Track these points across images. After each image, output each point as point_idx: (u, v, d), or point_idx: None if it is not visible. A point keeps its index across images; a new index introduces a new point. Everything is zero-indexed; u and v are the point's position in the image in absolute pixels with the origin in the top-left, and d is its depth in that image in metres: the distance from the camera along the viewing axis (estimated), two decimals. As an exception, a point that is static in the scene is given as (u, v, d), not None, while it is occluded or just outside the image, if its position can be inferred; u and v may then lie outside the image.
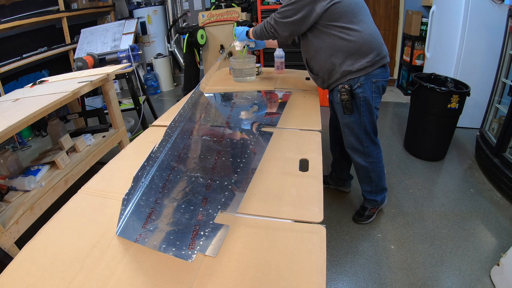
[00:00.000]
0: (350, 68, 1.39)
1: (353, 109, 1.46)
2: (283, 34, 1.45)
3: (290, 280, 0.63)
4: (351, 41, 1.36)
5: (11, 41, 3.16)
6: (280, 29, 1.43)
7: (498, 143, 1.95)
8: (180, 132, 1.17)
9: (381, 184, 1.68)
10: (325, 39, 1.39)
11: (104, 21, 4.26)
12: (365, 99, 1.43)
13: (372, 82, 1.41)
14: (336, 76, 1.45)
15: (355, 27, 1.35)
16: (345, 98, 1.43)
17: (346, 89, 1.41)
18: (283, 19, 1.38)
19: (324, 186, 2.02)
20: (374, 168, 1.61)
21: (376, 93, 1.45)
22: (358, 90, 1.42)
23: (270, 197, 0.88)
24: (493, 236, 1.62)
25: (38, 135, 3.31)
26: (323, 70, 1.48)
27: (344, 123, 1.55)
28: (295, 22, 1.37)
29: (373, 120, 1.50)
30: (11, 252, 1.31)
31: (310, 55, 1.50)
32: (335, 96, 1.52)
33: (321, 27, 1.38)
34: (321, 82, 1.56)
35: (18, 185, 1.51)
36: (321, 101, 1.76)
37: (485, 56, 2.49)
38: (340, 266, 1.50)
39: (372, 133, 1.54)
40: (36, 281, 0.66)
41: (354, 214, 1.79)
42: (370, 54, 1.38)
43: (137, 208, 0.84)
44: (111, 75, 2.02)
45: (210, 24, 3.54)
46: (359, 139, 1.54)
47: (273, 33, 1.47)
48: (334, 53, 1.40)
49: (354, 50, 1.37)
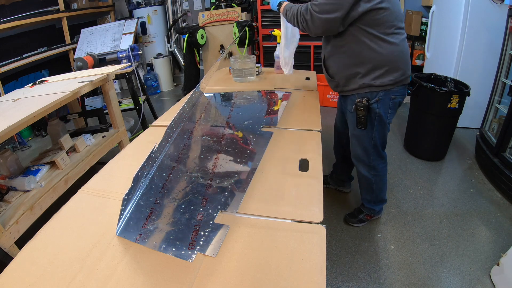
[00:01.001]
0: (371, 82, 1.31)
1: (367, 125, 1.39)
2: (315, 31, 1.28)
3: (290, 280, 0.63)
4: (380, 54, 1.26)
5: (11, 41, 3.15)
6: (314, 24, 1.25)
7: (498, 143, 1.95)
8: (180, 132, 1.17)
9: (381, 196, 1.67)
10: (353, 44, 1.28)
11: (104, 21, 4.26)
12: (380, 115, 1.38)
13: (390, 99, 1.35)
14: (353, 85, 1.37)
15: (389, 39, 1.25)
16: (361, 113, 1.36)
17: (364, 104, 1.33)
18: (321, 14, 1.20)
19: (324, 186, 2.02)
20: (377, 180, 1.59)
21: (392, 110, 1.40)
22: (375, 105, 1.35)
23: (270, 197, 0.88)
24: (493, 236, 1.62)
25: (38, 135, 3.31)
26: (341, 75, 1.39)
27: (354, 134, 1.50)
28: (334, 20, 1.20)
29: (384, 135, 1.46)
30: (11, 252, 1.31)
31: (330, 54, 1.40)
32: (348, 104, 1.45)
33: (353, 30, 1.26)
34: (334, 85, 1.47)
35: (18, 185, 1.51)
36: (321, 101, 1.77)
37: (485, 56, 2.49)
38: (340, 266, 1.50)
39: (381, 147, 1.50)
40: (36, 281, 0.66)
41: (347, 215, 1.77)
42: (395, 72, 1.30)
43: (137, 208, 0.84)
44: (111, 75, 2.02)
45: (210, 24, 3.54)
46: (367, 152, 1.50)
47: (304, 27, 1.30)
48: (358, 62, 1.31)
49: (381, 65, 1.28)
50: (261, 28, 3.64)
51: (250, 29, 3.40)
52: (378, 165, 1.54)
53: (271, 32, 2.03)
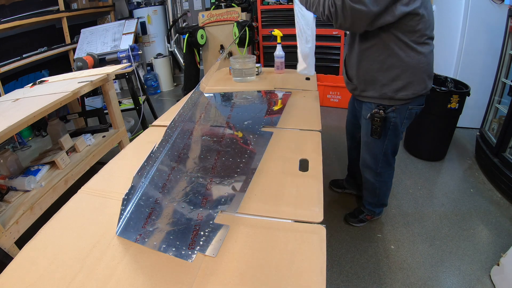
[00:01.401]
0: (392, 94, 1.26)
1: (381, 135, 1.36)
2: (341, 21, 1.11)
3: (290, 280, 0.63)
4: (406, 64, 1.19)
5: (11, 41, 3.15)
6: (343, 13, 1.08)
7: (498, 143, 1.95)
8: (180, 132, 1.17)
9: (383, 200, 1.67)
10: (379, 48, 1.20)
11: (104, 21, 4.26)
12: (395, 124, 1.34)
13: (407, 109, 1.31)
14: (373, 93, 1.30)
15: (419, 48, 1.17)
16: (377, 124, 1.32)
17: (381, 115, 1.29)
18: (356, 4, 1.05)
19: (340, 190, 2.01)
20: (382, 186, 1.58)
21: (408, 119, 1.36)
22: (391, 115, 1.31)
23: (270, 197, 0.88)
24: (493, 236, 1.62)
25: (38, 135, 3.31)
26: (360, 79, 1.32)
27: (366, 141, 1.47)
28: (367, 14, 1.06)
29: (396, 143, 1.43)
30: (11, 252, 1.31)
31: (352, 55, 1.33)
32: (363, 110, 1.40)
33: (382, 34, 1.17)
34: (351, 88, 1.41)
35: (18, 185, 1.51)
36: (321, 101, 1.76)
37: (485, 56, 2.49)
38: (340, 266, 1.50)
39: (391, 155, 1.47)
40: (36, 281, 0.66)
41: (347, 214, 1.77)
42: (418, 86, 1.23)
43: (137, 208, 0.84)
44: (111, 75, 2.02)
45: (210, 24, 3.54)
46: (376, 160, 1.48)
47: (331, 13, 1.11)
48: (382, 69, 1.23)
49: (405, 76, 1.21)
50: (261, 28, 3.65)
51: (250, 29, 3.40)
52: (385, 172, 1.52)
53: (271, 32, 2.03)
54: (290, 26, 3.44)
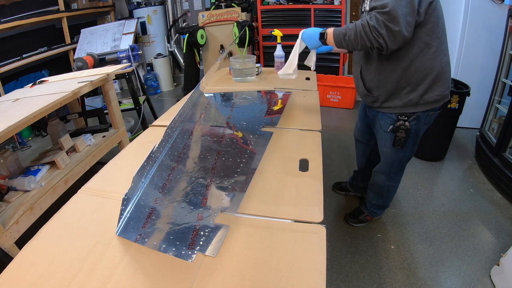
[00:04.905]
0: (418, 100, 1.20)
1: (404, 145, 1.32)
2: (392, 48, 1.03)
3: (290, 280, 0.63)
4: (429, 63, 1.14)
5: (11, 41, 3.15)
6: (392, 38, 0.99)
7: (498, 143, 1.95)
8: (180, 132, 1.17)
9: (387, 202, 1.67)
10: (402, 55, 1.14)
11: (104, 21, 4.26)
12: (416, 132, 1.30)
13: (428, 115, 1.27)
14: (397, 102, 1.23)
15: (441, 47, 1.14)
16: (401, 135, 1.27)
17: (406, 127, 1.24)
18: (399, 27, 0.96)
19: (343, 193, 2.00)
20: (390, 189, 1.58)
21: (426, 125, 1.33)
22: (412, 123, 1.26)
23: (270, 197, 0.88)
24: (493, 236, 1.62)
25: (38, 135, 3.31)
26: (382, 90, 1.25)
27: (384, 151, 1.43)
28: (412, 24, 1.00)
29: (414, 150, 1.40)
30: (11, 252, 1.31)
31: (370, 65, 1.25)
32: (382, 120, 1.33)
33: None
34: (371, 100, 1.32)
35: (18, 185, 1.51)
36: (321, 101, 1.76)
37: (485, 56, 2.49)
38: (340, 266, 1.50)
39: (406, 162, 1.46)
40: (36, 281, 0.66)
41: (347, 215, 1.77)
42: (442, 86, 1.19)
43: (137, 208, 0.84)
44: (111, 75, 2.02)
45: (210, 24, 3.54)
46: (391, 167, 1.46)
47: (381, 44, 1.02)
48: (405, 77, 1.17)
49: (431, 76, 1.17)
50: (261, 28, 3.65)
51: (250, 29, 3.40)
52: (397, 177, 1.53)
53: (271, 32, 2.03)
54: (290, 26, 3.45)
